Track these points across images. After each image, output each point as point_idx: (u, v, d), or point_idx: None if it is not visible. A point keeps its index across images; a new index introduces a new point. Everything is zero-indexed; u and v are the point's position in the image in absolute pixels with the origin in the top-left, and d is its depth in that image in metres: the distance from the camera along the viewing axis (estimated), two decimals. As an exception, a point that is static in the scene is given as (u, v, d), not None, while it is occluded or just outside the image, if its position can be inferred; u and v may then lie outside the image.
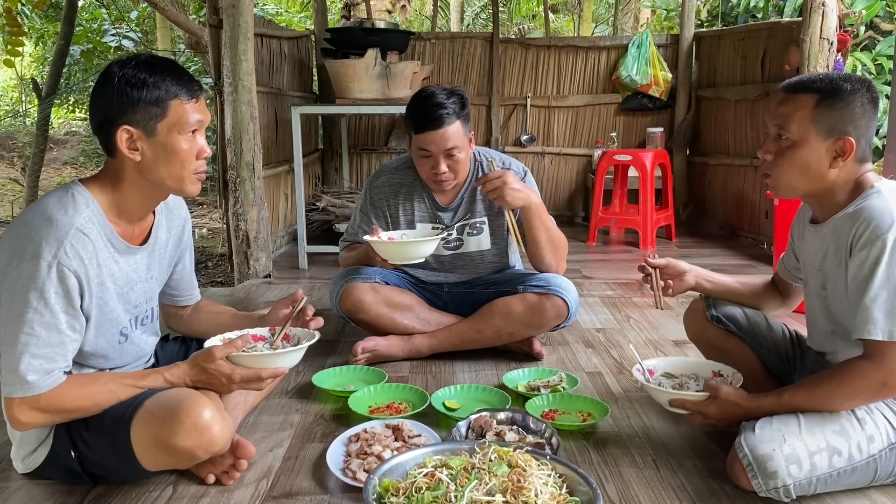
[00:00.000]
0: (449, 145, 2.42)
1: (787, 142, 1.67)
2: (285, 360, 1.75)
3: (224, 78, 3.76)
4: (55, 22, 9.15)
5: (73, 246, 1.52)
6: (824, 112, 1.63)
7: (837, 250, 1.67)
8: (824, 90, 1.64)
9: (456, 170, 2.49)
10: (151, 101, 1.56)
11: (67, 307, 1.52)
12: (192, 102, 1.61)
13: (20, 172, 9.45)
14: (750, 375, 2.02)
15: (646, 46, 5.75)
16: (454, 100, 2.43)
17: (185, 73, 1.63)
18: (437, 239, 2.41)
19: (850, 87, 1.63)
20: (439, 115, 2.39)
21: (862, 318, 1.56)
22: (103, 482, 1.73)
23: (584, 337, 2.96)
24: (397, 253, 2.37)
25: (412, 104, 2.48)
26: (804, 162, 1.66)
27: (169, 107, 1.58)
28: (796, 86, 1.69)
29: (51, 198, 1.59)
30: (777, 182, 1.72)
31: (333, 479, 1.75)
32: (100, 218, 1.60)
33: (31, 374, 1.50)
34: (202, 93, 1.66)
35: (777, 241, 3.46)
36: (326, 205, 5.01)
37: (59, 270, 1.50)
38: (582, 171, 6.10)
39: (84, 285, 1.55)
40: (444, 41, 6.12)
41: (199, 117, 1.63)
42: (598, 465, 1.86)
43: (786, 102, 1.69)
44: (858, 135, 1.63)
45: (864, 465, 1.61)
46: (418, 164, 2.53)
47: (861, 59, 5.13)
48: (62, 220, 1.53)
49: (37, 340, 1.50)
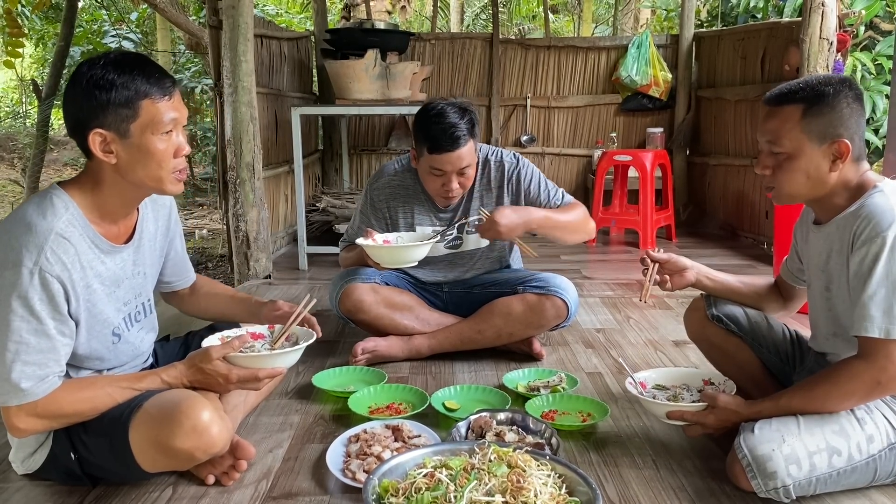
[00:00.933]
0: (463, 164, 2.42)
1: (783, 155, 1.67)
2: (283, 361, 1.75)
3: (224, 79, 3.76)
4: (55, 23, 9.16)
5: (53, 251, 1.49)
6: (813, 120, 1.63)
7: (841, 250, 1.66)
8: (808, 98, 1.63)
9: (465, 185, 2.50)
10: (121, 103, 1.51)
11: (54, 312, 1.51)
12: (164, 101, 1.56)
13: (20, 174, 9.46)
14: (750, 375, 2.02)
15: (646, 47, 5.75)
16: (467, 119, 2.41)
17: (156, 70, 1.58)
18: (429, 244, 2.40)
19: (833, 89, 1.62)
20: (456, 137, 2.37)
21: (860, 316, 1.56)
22: (103, 483, 1.73)
23: (583, 337, 2.96)
24: (389, 257, 2.37)
25: (424, 123, 2.42)
26: (804, 171, 1.66)
27: (140, 107, 1.53)
28: (779, 98, 1.68)
29: (30, 203, 1.57)
30: (780, 194, 1.72)
31: (333, 480, 1.75)
32: (81, 220, 1.57)
33: (24, 381, 1.48)
34: (175, 88, 1.60)
35: (777, 242, 3.46)
36: (326, 205, 5.01)
37: (42, 277, 1.48)
38: (582, 172, 6.10)
39: (69, 290, 1.53)
40: (444, 42, 6.13)
41: (174, 115, 1.58)
42: (598, 466, 1.86)
43: (772, 117, 1.68)
44: (851, 134, 1.63)
45: (864, 465, 1.60)
46: (427, 181, 2.51)
47: (861, 60, 5.13)
48: (41, 226, 1.50)
49: (27, 348, 1.48)
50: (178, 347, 2.03)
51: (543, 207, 2.57)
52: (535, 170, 2.65)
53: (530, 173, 2.62)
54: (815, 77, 1.69)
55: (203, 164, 9.20)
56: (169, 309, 2.13)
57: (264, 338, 1.88)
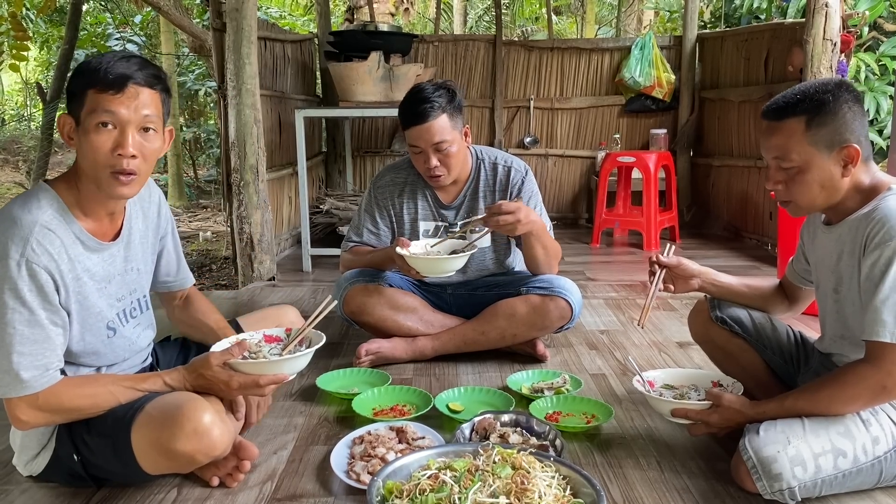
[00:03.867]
0: (436, 139, 2.42)
1: (794, 169, 1.65)
2: (285, 368, 1.73)
3: (228, 81, 3.77)
4: (60, 26, 9.19)
5: (39, 242, 1.51)
6: (818, 130, 1.61)
7: (853, 251, 1.65)
8: (809, 109, 1.61)
9: (448, 164, 2.48)
10: (75, 90, 1.55)
11: (44, 303, 1.52)
12: (108, 93, 1.52)
13: (25, 176, 9.49)
14: (754, 377, 2.02)
15: (649, 48, 5.75)
16: (441, 93, 2.43)
17: (121, 67, 1.54)
18: (468, 254, 2.39)
19: (832, 95, 1.61)
20: (423, 110, 2.39)
21: (871, 320, 1.55)
22: (107, 485, 1.73)
23: (587, 339, 2.96)
24: (428, 267, 2.35)
25: (401, 103, 2.49)
26: (817, 182, 1.64)
27: (86, 96, 1.54)
28: (778, 112, 1.66)
29: (15, 201, 1.59)
30: (798, 207, 1.70)
31: (337, 482, 1.76)
32: (66, 216, 1.58)
33: (23, 371, 1.49)
34: (128, 85, 1.53)
35: (781, 243, 3.45)
36: (330, 207, 5.01)
37: (29, 268, 1.49)
38: (585, 173, 6.10)
39: (58, 280, 1.54)
40: (447, 44, 6.13)
41: (115, 109, 1.52)
42: (602, 467, 1.85)
43: (775, 132, 1.66)
44: (857, 137, 1.62)
45: (870, 466, 1.60)
46: (413, 160, 2.55)
47: (864, 60, 5.13)
48: (26, 219, 1.52)
49: (21, 338, 1.49)
50: (179, 348, 2.03)
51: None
52: (538, 192, 2.65)
53: (532, 190, 2.62)
54: (810, 85, 1.66)
55: (207, 167, 9.22)
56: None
57: (280, 341, 1.87)
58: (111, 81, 1.53)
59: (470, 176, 2.64)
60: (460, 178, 2.61)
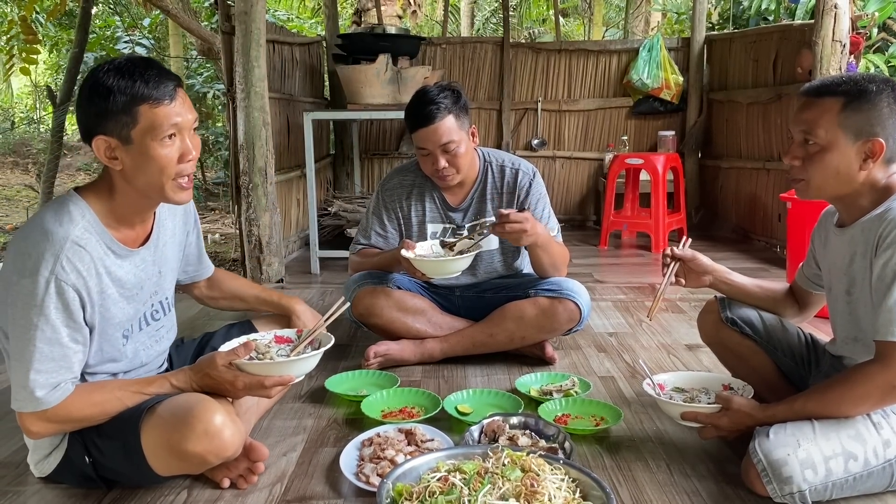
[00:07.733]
0: (443, 140, 2.43)
1: (816, 147, 1.65)
2: (290, 369, 1.73)
3: (236, 84, 3.78)
4: (69, 30, 9.24)
5: (69, 260, 1.51)
6: (851, 115, 1.61)
7: (865, 253, 1.65)
8: (850, 93, 1.61)
9: (456, 164, 2.49)
10: (120, 110, 1.50)
11: (68, 320, 1.52)
12: (163, 105, 1.53)
13: (35, 179, 9.55)
14: (764, 379, 2.01)
15: (657, 50, 5.74)
16: (446, 95, 2.44)
17: (157, 74, 1.54)
18: (472, 254, 2.39)
19: (876, 87, 1.61)
20: (429, 112, 2.40)
21: (885, 321, 1.54)
22: (118, 487, 1.74)
23: (596, 341, 2.95)
24: (435, 269, 2.36)
25: (407, 106, 2.50)
26: (834, 166, 1.64)
27: (139, 113, 1.51)
28: (819, 90, 1.66)
29: (48, 210, 1.58)
30: (808, 186, 1.70)
31: (347, 484, 1.76)
32: (97, 227, 1.59)
33: (38, 389, 1.50)
34: (177, 91, 1.56)
35: (790, 245, 3.43)
36: (338, 210, 5.02)
37: (58, 286, 1.49)
38: (593, 175, 6.09)
39: (84, 297, 1.54)
40: (454, 46, 6.14)
41: (176, 119, 1.55)
42: (612, 470, 1.85)
43: (810, 107, 1.66)
44: (887, 135, 1.61)
45: (881, 469, 1.59)
46: (421, 163, 2.56)
47: (874, 62, 5.10)
48: (58, 233, 1.51)
49: (41, 356, 1.50)
50: (193, 350, 2.03)
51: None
52: (546, 194, 2.65)
53: (539, 192, 2.62)
54: (857, 74, 1.67)
55: (215, 169, 9.25)
56: (183, 312, 2.15)
57: (291, 342, 1.87)
58: (165, 92, 1.53)
59: (477, 178, 2.64)
60: (468, 181, 2.61)
